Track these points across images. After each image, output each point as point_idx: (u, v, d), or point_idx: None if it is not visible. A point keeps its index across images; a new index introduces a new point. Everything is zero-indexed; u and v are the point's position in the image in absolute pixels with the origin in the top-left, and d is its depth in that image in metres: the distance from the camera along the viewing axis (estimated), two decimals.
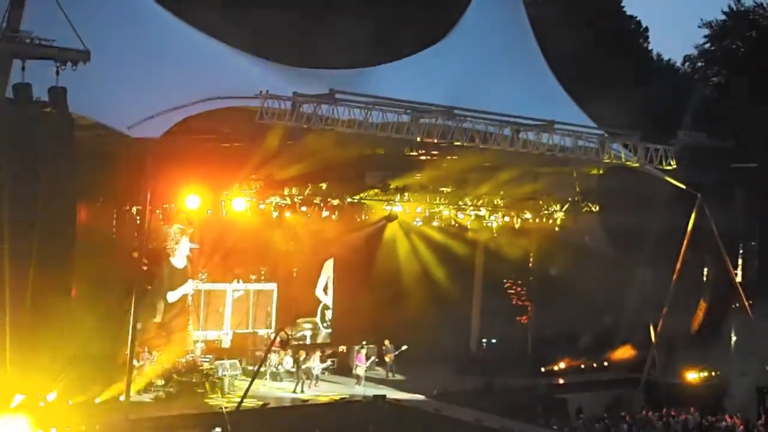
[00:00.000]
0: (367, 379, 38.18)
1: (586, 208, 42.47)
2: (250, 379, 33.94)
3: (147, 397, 33.53)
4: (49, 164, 24.56)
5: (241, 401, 32.13)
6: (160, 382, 34.42)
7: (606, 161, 37.08)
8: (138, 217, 31.65)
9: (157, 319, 36.20)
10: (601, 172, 41.04)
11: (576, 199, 42.40)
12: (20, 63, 24.07)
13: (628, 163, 37.51)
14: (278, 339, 36.12)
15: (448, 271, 42.45)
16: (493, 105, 33.71)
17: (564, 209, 42.71)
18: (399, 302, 41.43)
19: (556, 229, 42.84)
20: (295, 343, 39.48)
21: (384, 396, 35.92)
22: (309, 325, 41.34)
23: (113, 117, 28.30)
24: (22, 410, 28.06)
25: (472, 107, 32.84)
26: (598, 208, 42.51)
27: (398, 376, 39.65)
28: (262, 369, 37.34)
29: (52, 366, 27.35)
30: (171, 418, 31.96)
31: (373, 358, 39.13)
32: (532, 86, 40.30)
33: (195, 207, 34.07)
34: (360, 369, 38.51)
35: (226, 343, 39.05)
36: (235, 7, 42.04)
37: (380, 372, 39.72)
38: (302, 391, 36.30)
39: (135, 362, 31.85)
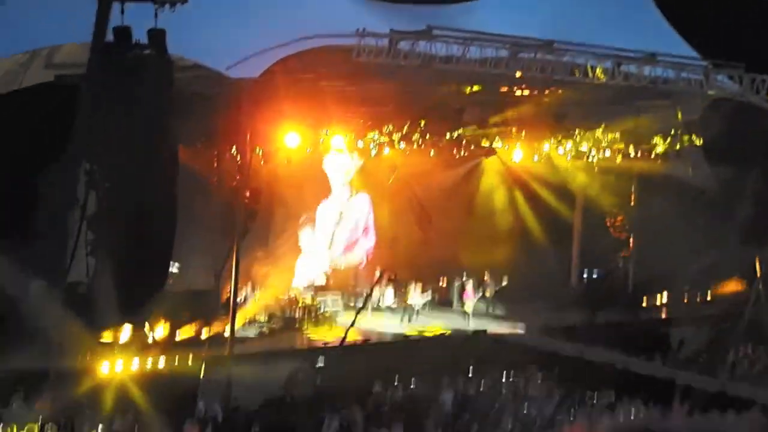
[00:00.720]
0: (465, 313, 38.40)
1: (689, 142, 41.86)
2: (351, 314, 34.48)
3: (251, 333, 34.16)
4: (150, 107, 24.94)
5: (344, 337, 32.56)
6: (263, 317, 35.00)
7: (710, 93, 36.47)
8: (238, 158, 32.01)
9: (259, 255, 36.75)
10: (704, 104, 40.29)
11: (678, 132, 41.78)
12: (119, 6, 24.45)
13: (733, 94, 36.86)
14: (383, 276, 36.42)
15: (548, 206, 42.21)
16: (594, 38, 33.32)
17: (666, 143, 42.15)
18: (498, 237, 41.40)
19: (659, 162, 42.29)
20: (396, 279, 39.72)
21: (484, 330, 36.14)
22: None
23: (211, 58, 28.57)
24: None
25: (572, 40, 32.52)
26: (701, 141, 41.87)
27: (498, 311, 39.74)
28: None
29: (159, 303, 28.02)
30: (274, 352, 32.56)
31: (480, 292, 39.12)
32: (634, 17, 39.65)
33: (294, 146, 34.35)
34: (468, 304, 38.60)
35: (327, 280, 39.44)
36: None
37: (480, 306, 39.83)
38: (403, 326, 36.64)
39: (238, 299, 32.38)
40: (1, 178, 25.32)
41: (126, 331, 29.20)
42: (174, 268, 33.18)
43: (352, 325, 32.92)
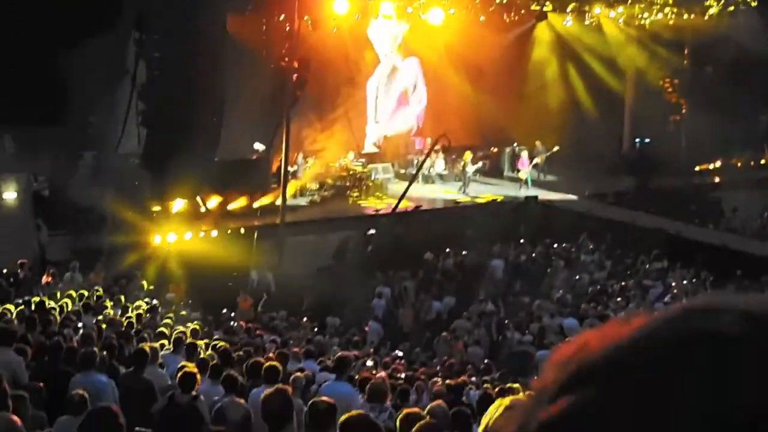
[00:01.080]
0: (519, 180, 38.22)
1: (743, 3, 40.95)
2: (403, 182, 34.46)
3: (302, 201, 34.16)
4: None
5: (397, 204, 32.57)
6: (315, 186, 35.00)
7: None
8: (287, 25, 31.71)
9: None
10: None
11: None
12: None
13: None
14: (436, 143, 36.23)
15: (599, 71, 41.57)
16: None
17: (720, 4, 41.22)
18: (549, 104, 40.95)
19: (712, 24, 41.42)
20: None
21: (536, 197, 36.00)
22: None
23: None
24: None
25: None
26: (756, 2, 40.93)
27: (549, 177, 39.49)
28: (413, 172, 37.76)
29: (210, 173, 28.08)
30: (326, 221, 32.64)
31: (535, 159, 38.75)
32: None
33: (343, 12, 33.86)
34: (523, 171, 38.31)
35: (379, 148, 39.30)
36: None
37: (532, 173, 39.67)
38: (460, 193, 36.58)
39: (290, 168, 32.41)
40: (51, 48, 25.22)
41: (178, 201, 29.36)
42: (260, 146, 33.27)
43: (406, 192, 32.91)
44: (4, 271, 22.93)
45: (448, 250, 30.92)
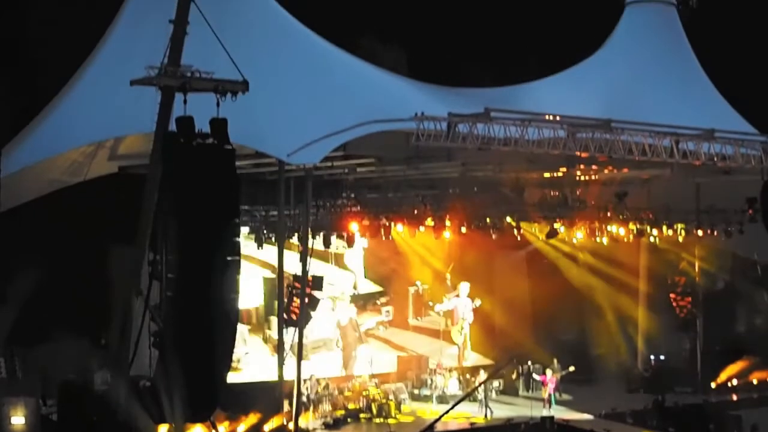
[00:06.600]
0: (534, 399, 37.77)
1: (751, 219, 41.28)
2: (417, 402, 33.96)
3: (315, 424, 33.73)
4: (213, 195, 24.83)
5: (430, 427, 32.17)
6: (328, 407, 34.61)
7: None
8: (300, 245, 31.88)
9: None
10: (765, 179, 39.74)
11: (741, 209, 41.23)
12: (182, 96, 24.49)
13: None
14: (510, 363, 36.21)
15: (611, 287, 41.83)
16: (651, 116, 33.08)
17: (728, 220, 41.56)
18: (563, 321, 40.97)
19: (722, 239, 41.67)
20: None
21: (552, 417, 35.42)
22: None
23: (272, 145, 28.60)
24: None
25: (630, 119, 32.26)
26: (763, 216, 41.22)
27: (565, 396, 39.06)
28: (427, 392, 37.49)
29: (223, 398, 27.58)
30: None
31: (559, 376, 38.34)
32: (690, 94, 39.53)
33: (355, 232, 34.05)
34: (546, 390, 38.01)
35: (392, 368, 39.08)
36: (389, 31, 42.11)
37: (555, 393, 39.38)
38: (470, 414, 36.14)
39: (302, 390, 32.04)
40: (66, 267, 25.21)
41: (189, 425, 28.80)
42: None
43: (446, 413, 32.70)
44: None
45: None
